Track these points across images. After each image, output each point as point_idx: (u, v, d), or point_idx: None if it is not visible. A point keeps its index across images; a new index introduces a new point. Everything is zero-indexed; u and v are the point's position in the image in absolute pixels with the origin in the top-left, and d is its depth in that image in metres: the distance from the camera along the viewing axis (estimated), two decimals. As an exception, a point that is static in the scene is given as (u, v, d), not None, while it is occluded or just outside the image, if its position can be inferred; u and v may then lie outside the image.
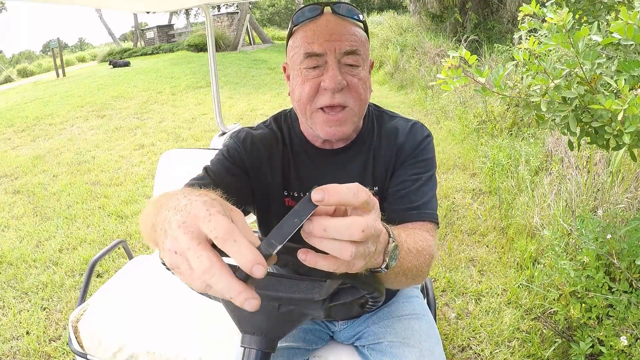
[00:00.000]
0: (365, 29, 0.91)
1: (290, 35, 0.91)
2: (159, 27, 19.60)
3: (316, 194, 0.42)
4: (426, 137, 0.96)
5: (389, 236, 0.56)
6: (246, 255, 0.38)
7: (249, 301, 0.39)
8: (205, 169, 0.93)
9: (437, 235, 0.89)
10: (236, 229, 0.40)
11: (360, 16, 0.89)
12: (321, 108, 0.85)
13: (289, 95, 0.93)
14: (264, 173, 0.97)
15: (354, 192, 0.44)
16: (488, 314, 2.11)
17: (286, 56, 0.94)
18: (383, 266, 0.55)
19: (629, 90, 1.05)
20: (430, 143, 0.96)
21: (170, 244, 0.42)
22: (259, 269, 0.38)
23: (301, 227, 0.43)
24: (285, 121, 1.02)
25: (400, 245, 0.62)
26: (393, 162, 0.95)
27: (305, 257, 0.46)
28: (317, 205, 0.42)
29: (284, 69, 0.96)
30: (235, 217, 0.44)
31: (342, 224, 0.43)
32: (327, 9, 0.86)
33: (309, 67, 0.84)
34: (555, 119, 1.25)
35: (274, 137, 0.99)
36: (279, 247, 0.42)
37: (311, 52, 0.83)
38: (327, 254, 0.46)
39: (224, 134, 2.18)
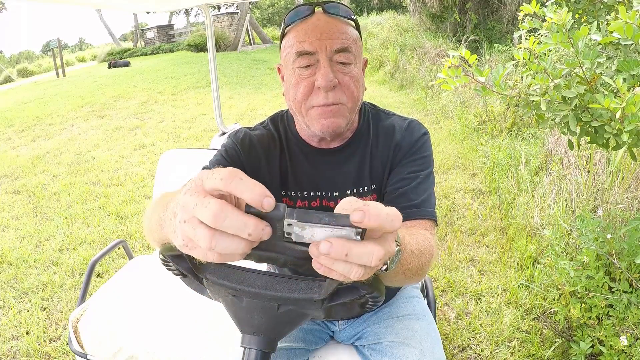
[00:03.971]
0: (357, 28, 0.92)
1: (283, 36, 0.92)
2: (159, 27, 19.61)
3: (356, 215, 0.40)
4: (423, 134, 0.97)
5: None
6: (254, 189, 0.38)
7: (265, 230, 0.40)
8: (204, 169, 0.93)
9: (436, 233, 0.89)
10: (240, 171, 0.40)
11: (352, 15, 0.90)
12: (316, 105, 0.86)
13: (284, 95, 0.93)
14: (262, 173, 0.97)
15: (392, 219, 0.42)
16: (488, 314, 2.11)
17: (280, 57, 0.94)
18: (383, 268, 0.55)
19: (628, 90, 1.05)
20: (428, 140, 0.97)
21: (180, 216, 0.41)
22: (268, 201, 0.38)
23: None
24: (281, 122, 1.03)
25: (403, 248, 0.62)
26: (390, 160, 0.96)
27: (320, 266, 0.44)
28: (357, 230, 0.40)
29: (279, 70, 0.97)
30: None
31: (365, 251, 0.42)
32: (318, 9, 0.88)
33: (301, 66, 0.85)
34: (555, 119, 1.25)
35: (271, 138, 1.00)
36: (292, 222, 0.40)
37: (303, 50, 0.84)
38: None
39: (224, 134, 2.18)
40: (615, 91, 1.10)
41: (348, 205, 0.45)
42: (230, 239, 0.40)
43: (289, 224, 0.41)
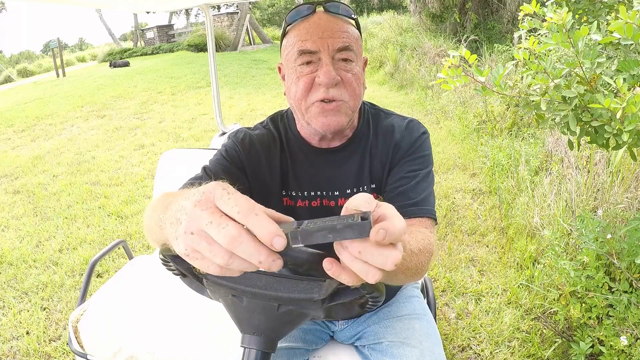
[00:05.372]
0: (358, 27, 0.92)
1: (284, 35, 0.92)
2: (159, 27, 19.61)
3: (378, 235, 0.41)
4: (422, 133, 0.97)
5: None
6: (268, 228, 0.40)
7: (276, 262, 0.41)
8: (204, 168, 0.93)
9: (435, 232, 0.89)
10: (257, 204, 0.42)
11: (353, 14, 0.90)
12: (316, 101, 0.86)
13: (285, 94, 0.93)
14: (262, 173, 0.97)
15: (403, 232, 0.43)
16: (488, 314, 2.11)
17: (281, 56, 0.94)
18: None
19: (628, 90, 1.05)
20: (427, 140, 0.97)
21: (186, 226, 0.42)
22: (279, 240, 0.40)
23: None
24: (281, 121, 1.03)
25: (404, 247, 0.62)
26: (390, 160, 0.96)
27: (330, 267, 0.45)
28: (367, 236, 0.41)
29: (279, 69, 0.97)
30: None
31: (380, 253, 0.42)
32: (320, 8, 0.88)
33: (303, 64, 0.85)
34: (555, 119, 1.25)
35: (271, 138, 0.99)
36: (299, 246, 0.42)
37: (305, 49, 0.84)
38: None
39: (224, 134, 2.18)
40: (615, 91, 1.10)
41: (364, 203, 0.45)
42: (242, 261, 0.42)
43: (295, 246, 0.43)
